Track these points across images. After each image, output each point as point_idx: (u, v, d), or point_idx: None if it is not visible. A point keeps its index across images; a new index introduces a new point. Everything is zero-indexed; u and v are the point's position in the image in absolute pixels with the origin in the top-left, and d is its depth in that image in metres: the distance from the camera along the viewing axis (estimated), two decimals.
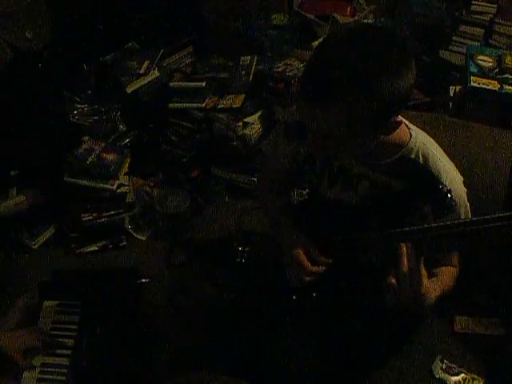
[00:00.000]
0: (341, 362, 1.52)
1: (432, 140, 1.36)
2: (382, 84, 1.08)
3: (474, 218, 1.13)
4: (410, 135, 1.32)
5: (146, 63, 2.69)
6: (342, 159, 1.39)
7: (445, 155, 1.36)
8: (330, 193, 1.46)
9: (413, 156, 1.31)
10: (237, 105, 2.56)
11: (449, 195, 1.30)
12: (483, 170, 1.63)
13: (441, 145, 1.37)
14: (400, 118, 1.23)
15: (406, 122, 1.34)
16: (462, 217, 1.33)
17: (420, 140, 1.32)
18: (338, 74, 1.08)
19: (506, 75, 2.27)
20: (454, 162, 1.36)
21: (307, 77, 1.17)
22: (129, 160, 2.51)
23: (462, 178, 1.35)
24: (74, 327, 1.64)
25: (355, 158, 1.37)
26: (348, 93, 1.08)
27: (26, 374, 1.52)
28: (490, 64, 2.33)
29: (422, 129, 1.38)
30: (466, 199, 1.34)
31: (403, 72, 1.11)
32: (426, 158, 1.31)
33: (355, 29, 1.23)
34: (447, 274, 1.39)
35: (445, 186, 1.30)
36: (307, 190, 1.76)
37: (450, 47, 2.78)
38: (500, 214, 1.08)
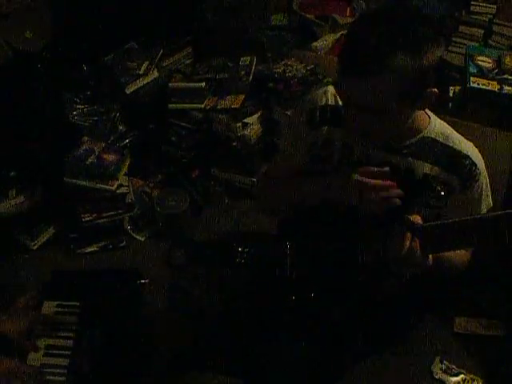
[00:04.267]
0: (340, 362, 1.52)
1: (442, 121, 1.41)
2: (423, 52, 1.14)
3: (493, 214, 1.16)
4: (429, 117, 1.38)
5: (146, 64, 2.70)
6: (375, 139, 1.37)
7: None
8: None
9: (434, 136, 1.36)
10: (236, 105, 2.56)
11: (474, 165, 1.35)
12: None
13: None
14: (436, 89, 1.25)
15: None
16: (484, 185, 1.39)
17: (438, 121, 1.38)
18: (388, 41, 1.12)
19: (506, 76, 2.28)
20: None
21: (351, 49, 1.19)
22: (128, 160, 2.51)
23: (476, 149, 1.39)
24: (73, 328, 1.64)
25: (379, 142, 1.37)
26: (399, 59, 1.12)
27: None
28: (490, 64, 2.34)
29: None
30: (485, 169, 1.39)
31: (440, 41, 1.17)
32: (446, 136, 1.36)
33: (391, 6, 1.26)
34: (457, 253, 1.40)
35: (469, 157, 1.35)
36: None
37: (450, 48, 2.78)
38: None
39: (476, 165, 1.35)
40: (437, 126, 1.37)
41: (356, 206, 1.30)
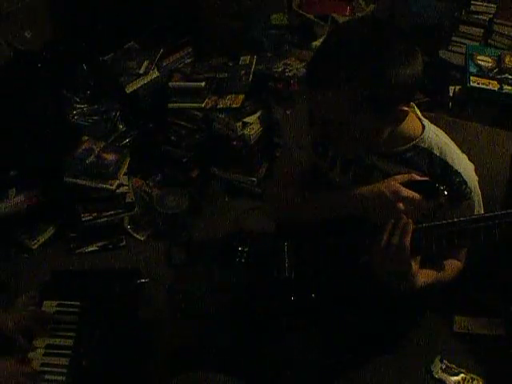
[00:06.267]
0: (340, 362, 1.52)
1: (442, 131, 1.38)
2: (385, 68, 1.11)
3: (487, 214, 1.15)
4: (423, 127, 1.34)
5: (146, 63, 2.70)
6: (347, 151, 1.37)
7: (455, 145, 1.38)
8: (342, 181, 1.45)
9: (426, 146, 1.33)
10: (236, 105, 2.57)
11: (464, 184, 1.32)
12: (482, 169, 1.63)
13: None
14: (407, 108, 1.22)
15: (419, 114, 1.36)
16: (476, 204, 1.36)
17: (433, 131, 1.35)
18: (342, 57, 1.12)
19: (506, 75, 2.28)
20: None
21: (313, 61, 1.19)
22: (128, 160, 2.51)
23: (473, 166, 1.37)
24: (73, 327, 1.64)
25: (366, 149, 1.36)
26: (350, 75, 1.11)
27: None
28: (490, 64, 2.34)
29: None
30: (478, 187, 1.37)
31: (408, 60, 1.13)
32: (440, 149, 1.33)
33: (364, 19, 1.26)
34: (447, 267, 1.41)
35: (460, 174, 1.32)
36: None
37: (450, 47, 2.78)
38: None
39: (466, 183, 1.32)
40: (431, 136, 1.34)
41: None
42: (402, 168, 1.34)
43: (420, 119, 1.36)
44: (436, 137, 1.34)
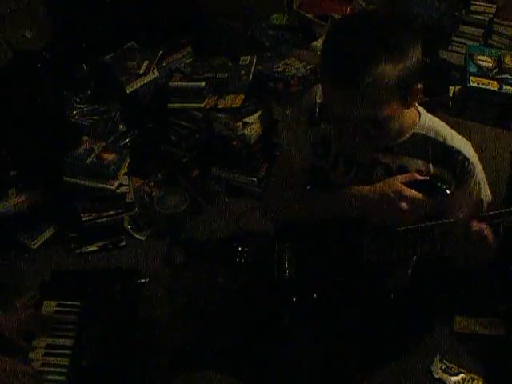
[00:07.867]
0: (341, 362, 1.52)
1: (436, 118, 1.39)
2: (408, 54, 1.13)
3: (488, 213, 1.17)
4: (419, 114, 1.36)
5: (146, 63, 2.70)
6: (358, 147, 1.36)
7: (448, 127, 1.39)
8: (346, 180, 1.44)
9: (424, 132, 1.34)
10: (236, 105, 2.57)
11: (467, 161, 1.33)
12: (483, 169, 1.63)
13: None
14: (420, 85, 1.22)
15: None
16: (481, 180, 1.37)
17: (428, 117, 1.36)
18: (368, 49, 1.11)
19: (506, 75, 2.28)
20: None
21: (331, 61, 1.17)
22: (128, 160, 2.51)
23: (469, 143, 1.38)
24: (73, 327, 1.64)
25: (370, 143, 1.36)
26: (383, 68, 1.11)
27: None
28: (490, 64, 2.34)
29: None
30: (479, 163, 1.37)
31: (417, 39, 1.16)
32: (437, 132, 1.34)
33: (363, 12, 1.26)
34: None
35: (462, 152, 1.33)
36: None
37: (450, 47, 2.78)
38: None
39: (469, 160, 1.33)
40: (427, 121, 1.35)
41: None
42: (404, 159, 1.35)
43: (415, 107, 1.37)
44: (431, 121, 1.36)
